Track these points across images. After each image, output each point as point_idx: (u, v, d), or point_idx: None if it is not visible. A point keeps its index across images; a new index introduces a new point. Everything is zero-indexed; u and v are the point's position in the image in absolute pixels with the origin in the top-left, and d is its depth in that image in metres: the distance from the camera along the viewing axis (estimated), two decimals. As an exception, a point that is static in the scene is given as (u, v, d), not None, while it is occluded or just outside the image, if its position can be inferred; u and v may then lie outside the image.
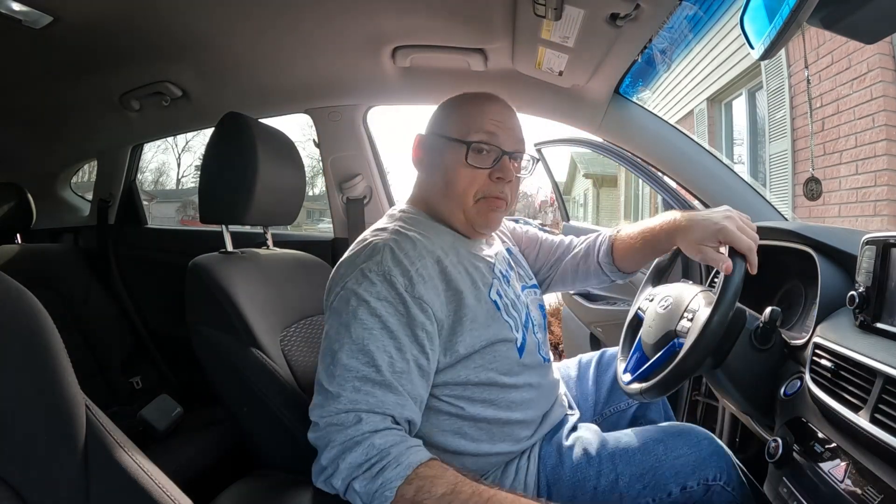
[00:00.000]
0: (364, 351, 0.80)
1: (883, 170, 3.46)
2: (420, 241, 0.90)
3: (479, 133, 0.96)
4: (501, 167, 0.96)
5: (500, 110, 1.00)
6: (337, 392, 0.78)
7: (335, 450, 0.75)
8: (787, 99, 4.40)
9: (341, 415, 0.77)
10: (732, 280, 0.86)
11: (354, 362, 0.79)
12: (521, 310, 1.00)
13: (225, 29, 1.38)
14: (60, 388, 0.54)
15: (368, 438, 0.75)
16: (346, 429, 0.75)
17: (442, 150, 0.98)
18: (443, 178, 0.98)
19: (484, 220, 0.98)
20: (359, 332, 0.80)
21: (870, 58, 3.50)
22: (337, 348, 0.81)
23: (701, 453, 0.92)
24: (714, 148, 4.50)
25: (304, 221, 12.40)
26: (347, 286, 0.84)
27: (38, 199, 2.12)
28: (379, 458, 0.73)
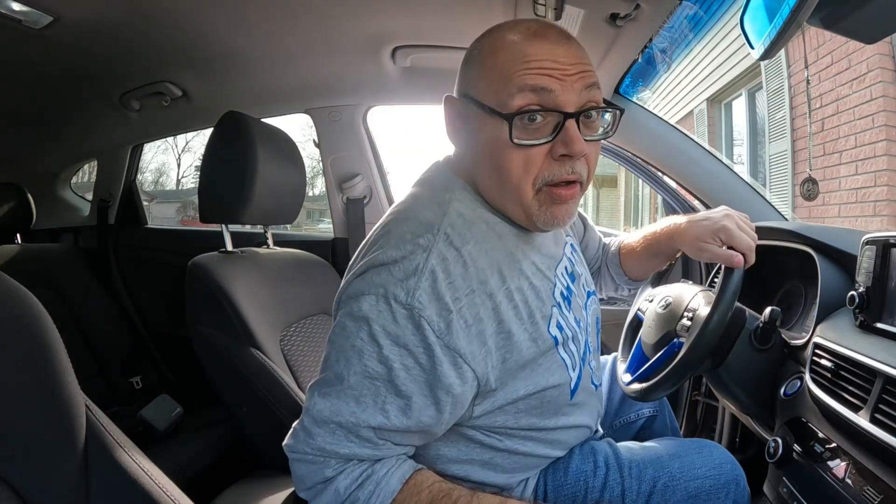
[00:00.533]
0: (358, 401, 0.64)
1: (883, 170, 3.46)
2: (475, 261, 0.68)
3: (524, 94, 0.66)
4: (566, 137, 0.66)
5: (550, 48, 0.67)
6: (312, 428, 0.67)
7: (307, 493, 0.70)
8: (786, 99, 4.40)
9: (308, 455, 0.68)
10: (732, 279, 0.86)
11: (343, 408, 0.65)
12: (580, 340, 0.81)
13: (225, 29, 1.38)
14: (60, 388, 0.54)
15: (333, 482, 0.66)
16: (313, 472, 0.68)
17: (480, 123, 0.70)
18: (489, 162, 0.70)
19: (549, 217, 0.71)
20: (358, 379, 0.64)
21: (870, 58, 3.50)
22: (331, 379, 0.66)
23: (720, 479, 0.81)
24: (714, 148, 4.50)
25: (304, 221, 12.35)
26: (363, 309, 0.64)
27: (38, 199, 2.12)
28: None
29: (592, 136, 0.71)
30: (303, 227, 9.63)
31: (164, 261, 2.15)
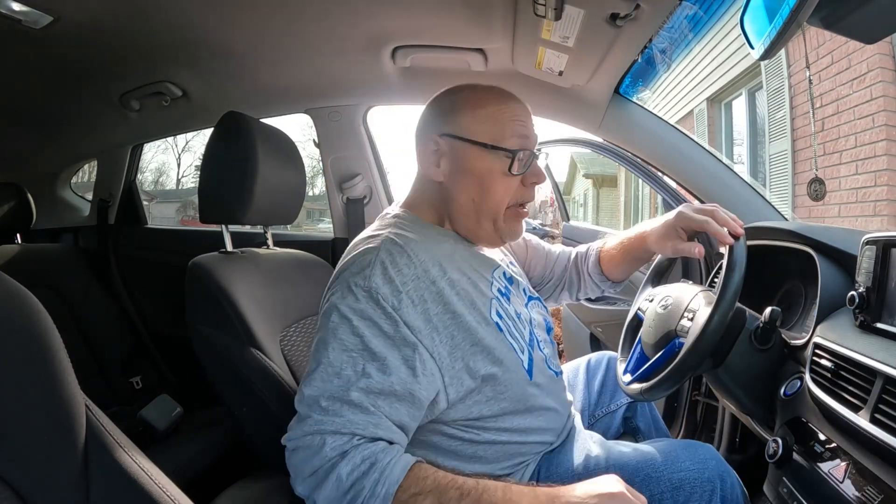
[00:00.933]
0: (339, 375, 0.73)
1: (883, 170, 3.46)
2: (416, 255, 0.82)
3: (515, 138, 0.89)
4: (537, 170, 0.92)
5: (522, 108, 0.94)
6: (306, 413, 0.73)
7: (307, 484, 0.70)
8: (786, 99, 4.41)
9: (307, 437, 0.71)
10: (733, 279, 0.86)
11: (328, 386, 0.73)
12: (523, 328, 0.92)
13: (225, 29, 1.38)
14: (60, 388, 0.54)
15: (335, 468, 0.68)
16: (311, 456, 0.70)
17: (473, 158, 0.88)
18: (477, 189, 0.89)
19: (514, 229, 0.93)
20: (336, 354, 0.74)
21: (870, 58, 3.50)
22: (314, 367, 0.75)
23: (705, 473, 0.84)
24: (714, 148, 4.50)
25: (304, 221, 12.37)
26: (332, 300, 0.79)
27: (38, 199, 2.13)
28: (354, 496, 0.67)
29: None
30: (303, 227, 9.64)
31: (164, 261, 2.15)
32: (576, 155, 16.56)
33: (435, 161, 0.91)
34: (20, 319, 0.53)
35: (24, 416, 0.52)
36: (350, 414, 0.71)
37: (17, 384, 0.51)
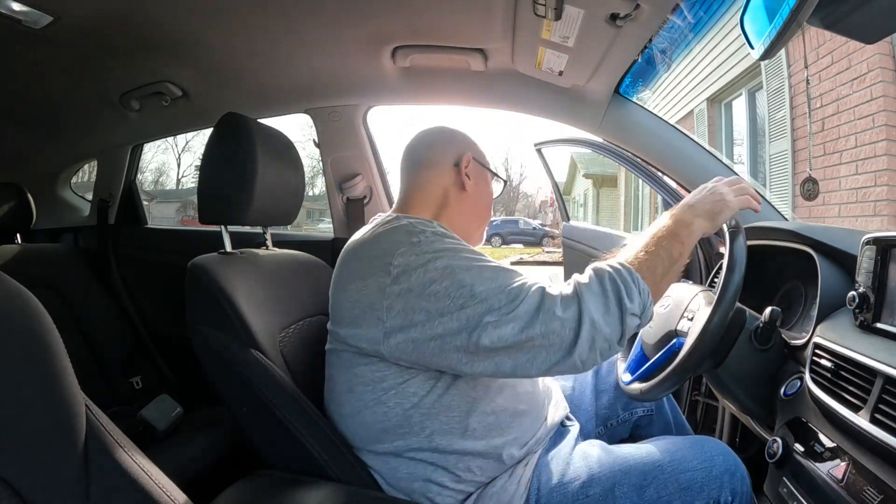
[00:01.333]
0: (484, 269, 0.81)
1: (883, 170, 3.46)
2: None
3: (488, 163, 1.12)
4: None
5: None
6: (509, 303, 0.77)
7: (569, 318, 0.76)
8: (787, 99, 4.40)
9: (525, 291, 0.78)
10: (733, 279, 0.86)
11: (488, 276, 0.80)
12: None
13: (225, 29, 1.38)
14: (60, 389, 0.54)
15: (579, 293, 0.77)
16: (552, 302, 0.77)
17: (487, 181, 1.11)
18: (484, 204, 1.10)
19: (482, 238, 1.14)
20: (468, 266, 0.81)
21: (870, 58, 3.50)
22: (465, 294, 0.78)
23: (713, 471, 0.84)
24: (714, 148, 4.51)
25: (304, 221, 12.39)
26: (409, 260, 0.82)
27: (38, 199, 2.12)
28: (616, 289, 0.77)
29: None
30: (303, 227, 9.64)
31: (164, 261, 2.15)
32: (576, 155, 16.57)
33: (466, 180, 1.05)
34: (20, 319, 0.53)
35: (25, 416, 0.52)
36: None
37: (18, 384, 0.51)
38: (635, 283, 0.78)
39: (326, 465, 0.90)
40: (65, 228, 2.46)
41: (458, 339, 0.78)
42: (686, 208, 0.89)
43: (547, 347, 0.76)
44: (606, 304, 0.77)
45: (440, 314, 0.79)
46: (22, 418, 0.52)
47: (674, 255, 0.83)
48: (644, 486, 0.84)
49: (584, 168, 16.23)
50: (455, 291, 0.79)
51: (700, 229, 0.87)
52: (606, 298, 0.77)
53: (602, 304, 0.76)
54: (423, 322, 0.80)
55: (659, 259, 0.83)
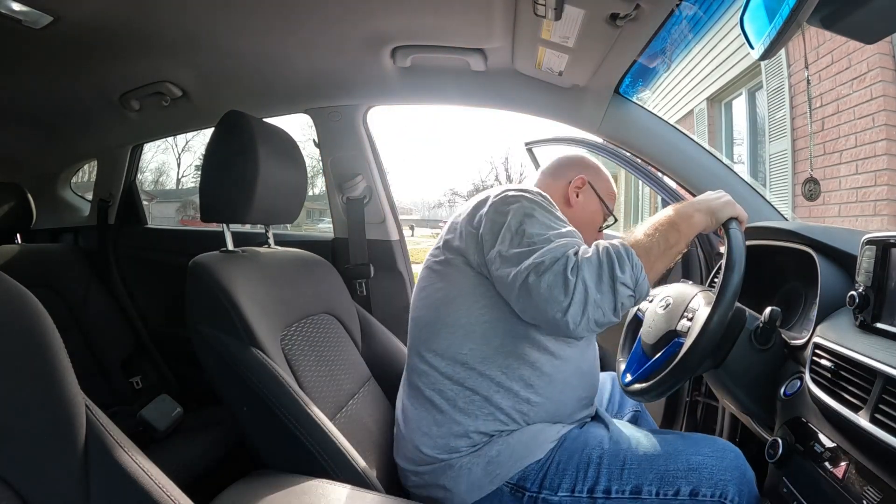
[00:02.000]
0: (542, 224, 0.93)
1: (883, 169, 3.45)
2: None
3: (611, 199, 1.23)
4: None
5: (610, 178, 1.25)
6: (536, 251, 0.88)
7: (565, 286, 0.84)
8: (787, 99, 4.40)
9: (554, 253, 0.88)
10: (732, 280, 0.86)
11: (545, 226, 0.93)
12: None
13: (225, 29, 1.38)
14: (61, 389, 0.55)
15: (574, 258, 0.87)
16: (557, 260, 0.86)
17: (597, 209, 1.21)
18: (584, 225, 1.12)
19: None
20: (540, 217, 0.94)
21: (870, 58, 3.49)
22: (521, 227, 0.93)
23: (723, 462, 0.88)
24: (714, 148, 4.51)
25: (305, 221, 12.37)
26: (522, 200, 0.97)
27: (38, 199, 2.13)
28: (609, 260, 0.86)
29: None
30: (303, 227, 9.64)
31: (165, 261, 2.15)
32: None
33: (577, 192, 1.19)
34: (20, 320, 0.53)
35: (25, 416, 0.52)
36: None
37: (18, 384, 0.51)
38: (629, 257, 0.87)
39: (327, 464, 0.90)
40: (65, 228, 2.46)
41: (509, 271, 0.90)
42: (688, 203, 0.98)
43: (547, 300, 0.84)
44: (600, 273, 0.85)
45: (503, 243, 0.94)
46: (22, 418, 0.52)
47: (670, 241, 0.92)
48: (655, 458, 0.90)
49: (584, 168, 16.18)
50: (527, 232, 0.92)
51: (700, 223, 0.94)
52: (601, 269, 0.85)
53: (595, 273, 0.85)
54: (497, 248, 0.95)
55: (655, 242, 0.91)
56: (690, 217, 0.94)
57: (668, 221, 0.93)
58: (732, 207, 0.96)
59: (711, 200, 0.97)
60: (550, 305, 0.84)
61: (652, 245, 0.91)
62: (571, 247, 0.89)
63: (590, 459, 0.92)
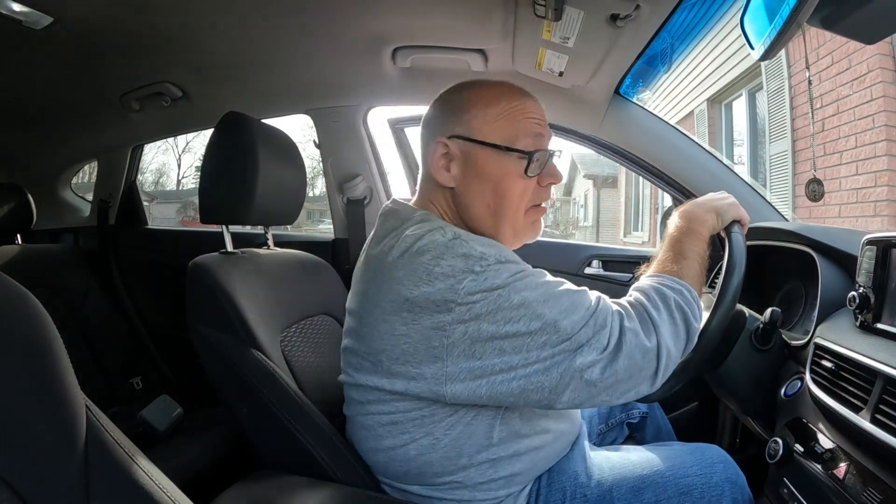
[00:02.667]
0: (561, 296, 0.74)
1: (883, 170, 3.46)
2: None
3: (529, 137, 0.84)
4: (553, 171, 0.87)
5: (536, 105, 0.87)
6: (596, 335, 0.72)
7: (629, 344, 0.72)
8: (787, 100, 4.40)
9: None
10: (732, 281, 0.86)
11: (568, 306, 0.72)
12: None
13: (225, 30, 1.38)
14: (61, 389, 0.54)
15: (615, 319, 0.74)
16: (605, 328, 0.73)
17: (487, 161, 0.83)
18: (492, 194, 0.83)
19: (533, 229, 0.89)
20: (545, 298, 0.72)
21: (870, 58, 3.49)
22: (549, 331, 0.71)
23: (713, 478, 0.84)
24: (714, 149, 4.50)
25: (305, 222, 12.38)
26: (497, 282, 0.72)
27: (38, 200, 2.12)
28: (683, 313, 0.77)
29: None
30: (303, 228, 9.64)
31: (165, 261, 2.15)
32: (576, 156, 16.55)
33: (445, 165, 0.85)
34: (20, 320, 0.53)
35: (25, 416, 0.52)
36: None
37: (17, 384, 0.51)
38: (696, 301, 0.80)
39: (327, 465, 0.90)
40: (65, 229, 2.46)
41: (546, 379, 0.71)
42: (695, 205, 0.91)
43: (628, 380, 0.72)
44: (676, 330, 0.76)
45: (521, 353, 0.71)
46: (22, 419, 0.52)
47: (701, 254, 0.86)
48: (641, 489, 0.84)
49: (584, 169, 16.23)
50: (537, 328, 0.71)
51: (711, 225, 0.89)
52: (675, 325, 0.76)
53: (673, 330, 0.76)
54: (500, 364, 0.72)
55: (694, 263, 0.84)
56: (705, 221, 0.88)
57: (692, 234, 0.86)
58: (737, 209, 0.92)
59: (717, 201, 0.92)
60: (636, 383, 0.74)
61: (698, 269, 0.84)
62: (609, 310, 0.75)
63: (576, 498, 0.86)
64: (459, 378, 0.73)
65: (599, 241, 13.01)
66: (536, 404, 0.75)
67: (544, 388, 0.72)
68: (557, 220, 18.91)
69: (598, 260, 1.75)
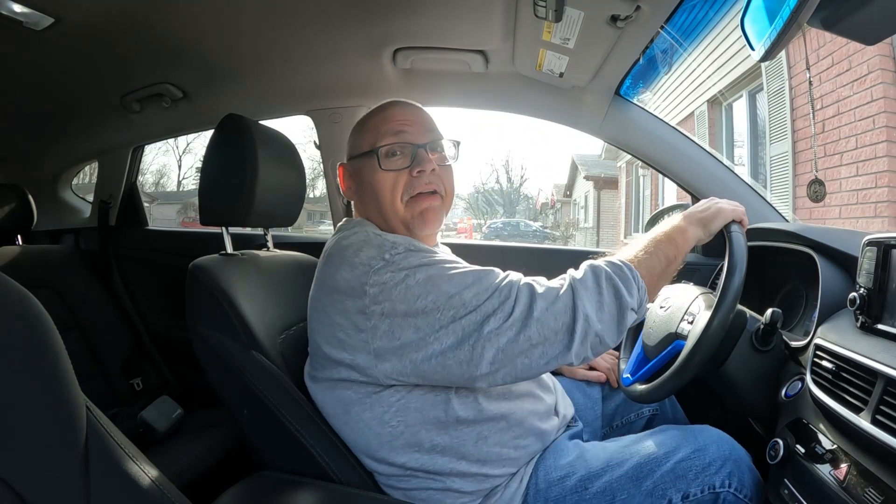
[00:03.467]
0: (465, 274, 0.82)
1: (884, 171, 3.46)
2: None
3: (387, 136, 0.95)
4: (418, 160, 0.95)
5: (402, 109, 1.00)
6: (502, 305, 0.78)
7: (565, 316, 0.78)
8: (787, 100, 4.41)
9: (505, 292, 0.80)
10: (733, 282, 0.86)
11: (472, 281, 0.81)
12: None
13: (226, 31, 1.38)
14: (61, 390, 0.55)
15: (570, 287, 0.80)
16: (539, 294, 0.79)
17: (361, 170, 0.98)
18: (371, 196, 0.96)
19: (420, 219, 0.96)
20: (449, 275, 0.81)
21: (870, 59, 3.50)
22: (456, 304, 0.79)
23: (705, 458, 0.86)
24: (714, 150, 4.50)
25: (305, 223, 12.40)
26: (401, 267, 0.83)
27: (38, 201, 2.12)
28: (614, 285, 0.80)
29: (442, 161, 0.99)
30: (304, 229, 9.64)
31: (165, 262, 2.15)
32: (576, 157, 16.56)
33: (347, 183, 1.03)
34: (21, 321, 0.53)
35: (25, 416, 0.52)
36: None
37: (18, 385, 0.51)
38: (635, 280, 0.82)
39: (327, 466, 0.90)
40: (65, 230, 2.46)
41: (460, 353, 0.78)
42: (682, 216, 0.94)
43: (543, 344, 0.78)
44: (601, 300, 0.80)
45: (434, 329, 0.79)
46: (23, 419, 0.52)
47: (669, 256, 0.88)
48: (640, 478, 0.86)
49: (584, 170, 16.24)
50: (444, 302, 0.79)
51: (694, 236, 0.91)
52: (601, 295, 0.80)
53: (596, 300, 0.79)
54: (417, 341, 0.79)
55: (656, 259, 0.87)
56: (685, 231, 0.91)
57: (666, 237, 0.90)
58: (722, 215, 0.93)
59: (698, 213, 0.94)
60: (550, 347, 0.78)
61: (654, 263, 0.86)
62: (519, 280, 0.82)
63: (577, 490, 0.88)
64: (386, 358, 0.81)
65: (600, 242, 13.03)
66: (462, 380, 0.80)
67: (461, 361, 0.78)
68: (558, 221, 18.93)
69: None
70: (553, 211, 20.32)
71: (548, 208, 21.01)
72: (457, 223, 18.24)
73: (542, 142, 41.04)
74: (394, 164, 0.94)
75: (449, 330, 0.78)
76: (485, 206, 23.25)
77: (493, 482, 0.89)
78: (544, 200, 21.48)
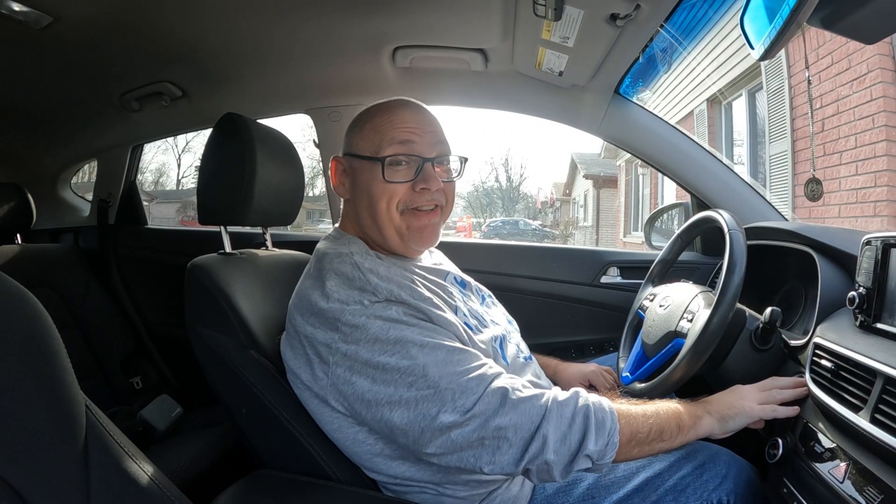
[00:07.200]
0: (438, 348, 0.77)
1: (883, 170, 3.46)
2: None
3: (393, 145, 0.89)
4: (424, 175, 0.89)
5: (412, 115, 0.93)
6: (462, 398, 0.73)
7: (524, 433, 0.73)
8: (787, 100, 4.41)
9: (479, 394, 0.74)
10: (733, 281, 0.86)
11: (442, 360, 0.76)
12: (487, 324, 0.96)
13: (225, 29, 1.38)
14: (61, 389, 0.55)
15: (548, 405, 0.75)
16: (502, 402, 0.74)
17: (359, 171, 0.92)
18: (366, 201, 0.91)
19: (418, 235, 0.92)
20: (422, 343, 0.76)
21: (870, 58, 3.50)
22: (417, 373, 0.75)
23: (703, 475, 0.87)
24: (714, 149, 4.51)
25: (305, 222, 12.40)
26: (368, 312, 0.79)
27: (38, 200, 2.12)
28: (586, 424, 0.74)
29: (448, 176, 0.94)
30: (303, 228, 9.64)
31: (164, 261, 2.15)
32: (576, 156, 16.56)
33: (341, 180, 0.97)
34: (20, 320, 0.53)
35: (25, 416, 0.52)
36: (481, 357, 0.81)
37: (18, 384, 0.51)
38: (609, 433, 0.75)
39: (325, 464, 0.90)
40: (65, 228, 2.45)
41: (409, 430, 0.75)
42: (704, 401, 0.86)
43: (495, 451, 0.73)
44: (567, 433, 0.74)
45: (387, 394, 0.75)
46: (22, 418, 0.52)
47: (664, 434, 0.79)
48: (640, 489, 0.87)
49: (584, 169, 16.24)
50: (406, 367, 0.75)
51: (707, 427, 0.82)
52: (570, 428, 0.74)
53: (563, 431, 0.74)
54: (369, 398, 0.77)
55: (648, 427, 0.78)
56: (700, 419, 0.82)
57: (674, 414, 0.81)
58: (744, 417, 0.84)
59: (726, 404, 0.85)
60: (500, 455, 0.73)
61: (641, 429, 0.78)
62: (494, 377, 0.76)
63: (584, 500, 0.88)
64: (337, 395, 0.80)
65: (599, 241, 13.03)
66: (407, 449, 0.79)
67: (408, 434, 0.75)
68: (557, 220, 18.92)
69: (616, 267, 1.66)
70: (552, 209, 20.32)
71: (547, 207, 21.00)
72: (456, 222, 18.23)
73: (541, 140, 40.86)
74: (398, 175, 0.89)
75: (403, 395, 0.75)
76: (484, 198, 23.30)
77: (487, 487, 0.88)
78: (544, 199, 21.47)
